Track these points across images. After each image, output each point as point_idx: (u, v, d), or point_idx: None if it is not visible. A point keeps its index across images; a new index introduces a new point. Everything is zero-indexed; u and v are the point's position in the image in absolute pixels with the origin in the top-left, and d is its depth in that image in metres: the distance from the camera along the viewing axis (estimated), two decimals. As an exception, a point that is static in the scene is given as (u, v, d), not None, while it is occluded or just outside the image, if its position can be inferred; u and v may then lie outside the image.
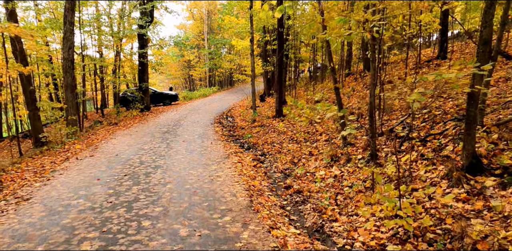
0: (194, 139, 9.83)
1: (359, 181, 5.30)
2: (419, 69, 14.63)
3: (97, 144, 9.51)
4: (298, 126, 10.90)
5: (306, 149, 8.13)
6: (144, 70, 18.84)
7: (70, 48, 12.19)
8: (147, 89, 18.81)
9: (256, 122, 13.17)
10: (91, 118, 22.18)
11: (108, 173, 6.06)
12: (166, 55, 37.48)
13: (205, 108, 19.54)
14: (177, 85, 47.24)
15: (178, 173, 5.99)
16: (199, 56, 39.33)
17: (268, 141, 10.04)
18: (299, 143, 9.11)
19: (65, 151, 8.89)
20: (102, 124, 15.45)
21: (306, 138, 9.01)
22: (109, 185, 5.28)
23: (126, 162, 6.92)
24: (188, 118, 15.14)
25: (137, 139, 9.91)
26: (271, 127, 11.69)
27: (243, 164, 7.14)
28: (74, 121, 12.26)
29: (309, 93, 17.11)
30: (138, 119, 15.48)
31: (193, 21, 41.29)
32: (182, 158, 7.28)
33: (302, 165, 7.05)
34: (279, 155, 8.43)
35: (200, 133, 11.15)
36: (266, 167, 7.50)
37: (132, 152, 8.00)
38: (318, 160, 6.97)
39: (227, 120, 15.36)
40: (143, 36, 17.54)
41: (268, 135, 10.71)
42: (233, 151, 8.46)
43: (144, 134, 10.90)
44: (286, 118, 12.34)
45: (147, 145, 8.91)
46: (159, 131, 11.43)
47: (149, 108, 19.04)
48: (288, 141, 9.57)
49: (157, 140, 9.61)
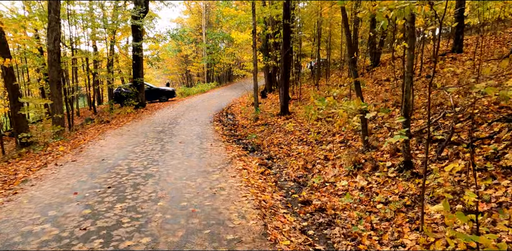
0: (192, 140, 8.83)
1: (395, 195, 4.32)
2: (433, 63, 13.65)
3: (83, 145, 8.49)
4: (307, 125, 9.91)
5: (320, 152, 7.15)
6: (139, 65, 17.75)
7: (55, 40, 11.10)
8: (142, 85, 17.74)
9: (259, 120, 12.17)
10: (83, 115, 21.10)
11: (89, 184, 5.06)
12: (163, 49, 36.35)
13: (203, 105, 18.51)
14: (175, 81, 46.09)
15: (173, 184, 4.99)
16: (197, 51, 38.15)
17: (274, 141, 9.05)
18: (309, 144, 8.13)
19: (46, 153, 7.87)
20: (93, 122, 14.41)
21: (318, 139, 8.02)
22: (87, 201, 4.28)
23: (112, 169, 5.91)
24: (186, 116, 14.12)
25: (128, 140, 8.89)
26: (276, 126, 10.69)
27: (249, 171, 6.15)
28: (60, 120, 11.21)
29: (323, 88, 16.15)
30: (132, 117, 14.44)
31: (190, 15, 40.04)
32: (178, 163, 6.28)
33: (317, 172, 6.07)
34: (289, 158, 7.45)
35: (199, 132, 10.14)
36: (275, 173, 6.51)
37: (121, 155, 6.99)
38: (337, 166, 5.99)
39: (227, 118, 14.34)
40: (137, 28, 16.42)
41: (273, 135, 9.72)
42: (236, 154, 7.47)
43: (136, 134, 9.87)
44: (293, 116, 11.34)
45: (139, 147, 7.90)
46: (154, 130, 10.41)
47: (144, 105, 17.99)
48: (297, 142, 8.58)
49: (151, 141, 8.60)
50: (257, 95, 13.57)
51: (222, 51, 35.07)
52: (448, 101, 6.94)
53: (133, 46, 17.21)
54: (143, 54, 18.42)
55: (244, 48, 35.19)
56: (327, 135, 8.42)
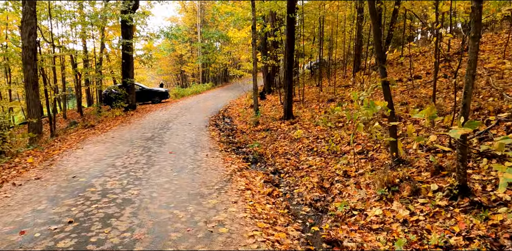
0: (184, 149, 7.64)
1: (456, 236, 3.18)
2: (447, 62, 12.61)
3: (56, 156, 7.26)
4: (315, 131, 8.76)
5: (336, 166, 6.00)
6: (129, 64, 16.52)
7: (30, 35, 9.86)
8: (132, 86, 16.51)
9: (259, 125, 11.00)
10: (71, 118, 19.78)
11: (46, 215, 3.86)
12: (157, 49, 35.07)
13: (198, 107, 17.31)
14: (169, 82, 44.80)
15: (157, 215, 3.80)
16: (192, 51, 36.89)
17: (279, 150, 7.89)
18: (321, 155, 6.98)
19: (11, 166, 6.63)
20: (77, 126, 13.15)
21: (331, 149, 6.88)
22: (33, 247, 3.08)
23: (82, 191, 4.71)
24: (179, 119, 12.92)
25: (110, 149, 7.68)
26: (280, 132, 9.52)
27: (254, 191, 4.98)
28: (37, 125, 9.95)
29: (327, 89, 15.07)
30: (120, 121, 13.20)
31: (185, 13, 38.76)
32: (166, 182, 5.10)
33: (338, 194, 4.91)
34: (298, 173, 6.29)
35: (193, 139, 8.96)
36: (285, 193, 5.34)
37: (97, 171, 5.78)
38: (363, 186, 4.84)
39: (224, 122, 13.16)
40: (126, 23, 15.18)
41: (277, 143, 8.55)
42: (236, 168, 6.30)
43: (121, 141, 8.66)
44: (298, 121, 10.18)
45: (121, 158, 6.69)
46: (141, 137, 9.20)
47: (135, 107, 16.75)
48: (306, 151, 7.42)
49: (136, 151, 7.39)
50: (257, 97, 12.42)
51: (217, 51, 33.88)
52: (489, 106, 5.84)
53: (122, 44, 15.97)
54: (133, 53, 17.20)
55: (241, 48, 34.06)
56: (341, 143, 7.28)
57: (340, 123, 8.78)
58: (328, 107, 11.15)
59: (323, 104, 11.88)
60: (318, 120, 7.54)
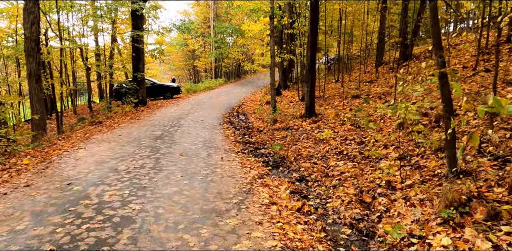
0: (196, 150, 6.82)
1: None
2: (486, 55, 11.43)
3: (55, 157, 6.54)
4: (341, 131, 7.82)
5: (374, 174, 5.08)
6: (139, 58, 15.79)
7: (33, 24, 9.16)
8: (142, 80, 15.78)
9: (278, 123, 10.10)
10: (81, 113, 19.28)
11: (22, 240, 3.07)
12: (170, 44, 34.42)
13: (211, 103, 16.51)
14: (181, 77, 44.20)
15: (161, 243, 2.97)
16: (204, 46, 36.08)
17: (303, 153, 6.99)
18: (353, 159, 6.06)
19: (5, 168, 5.93)
20: (84, 122, 12.51)
21: (372, 154, 5.94)
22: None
23: (75, 203, 3.93)
24: (191, 116, 12.13)
25: (115, 150, 6.92)
26: (302, 131, 8.61)
27: (280, 206, 4.12)
28: (40, 122, 9.31)
29: (348, 85, 14.07)
30: (130, 117, 12.50)
31: (198, 7, 37.89)
32: (175, 193, 4.28)
33: (384, 212, 4.00)
34: (328, 180, 5.39)
35: (205, 138, 8.14)
36: (316, 207, 4.46)
37: (96, 176, 5.00)
38: (416, 203, 3.91)
39: (239, 119, 12.32)
40: (137, 13, 14.41)
41: (300, 144, 7.65)
42: (256, 174, 5.45)
43: (128, 140, 7.90)
44: (321, 119, 9.24)
45: (125, 161, 5.91)
46: (150, 136, 8.43)
47: (145, 103, 16.05)
48: (335, 155, 6.50)
49: (143, 152, 6.60)
50: (274, 93, 11.50)
51: (230, 46, 32.99)
52: None
53: (132, 36, 15.23)
54: (144, 46, 16.47)
55: (254, 42, 33.04)
56: (375, 146, 6.33)
57: (370, 122, 7.81)
58: (353, 104, 10.17)
59: (347, 101, 10.89)
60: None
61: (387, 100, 9.29)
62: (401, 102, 5.27)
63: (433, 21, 4.14)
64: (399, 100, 8.16)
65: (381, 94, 10.22)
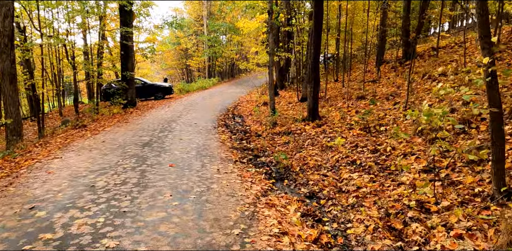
0: (189, 160, 5.99)
1: None
2: (498, 53, 10.79)
3: (24, 169, 5.65)
4: (350, 136, 7.06)
5: (399, 190, 4.32)
6: (128, 56, 14.87)
7: (6, 18, 8.24)
8: (131, 80, 14.87)
9: (278, 126, 9.31)
10: (67, 115, 18.28)
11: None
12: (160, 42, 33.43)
13: (204, 104, 15.66)
14: (173, 77, 43.19)
15: None
16: (197, 44, 35.13)
17: (309, 162, 6.20)
18: (368, 170, 5.29)
19: (-37, 184, 5.03)
20: (67, 126, 11.56)
21: (399, 168, 5.17)
22: None
23: (32, 239, 3.08)
24: (183, 118, 11.28)
25: (96, 159, 6.05)
26: (305, 137, 7.83)
27: (292, 235, 3.32)
28: (16, 126, 8.38)
29: (350, 85, 13.36)
30: (117, 120, 11.61)
31: (190, 6, 36.90)
32: (162, 220, 3.45)
33: (423, 243, 3.23)
34: (344, 197, 4.61)
35: (199, 145, 7.31)
36: (334, 235, 3.67)
37: (67, 197, 4.15)
38: (463, 233, 3.14)
39: (235, 122, 11.50)
40: (125, 9, 13.49)
41: (305, 151, 6.86)
42: (259, 190, 4.64)
43: (112, 148, 7.03)
44: (325, 122, 8.47)
45: (105, 175, 5.05)
46: (137, 142, 7.57)
47: (135, 104, 15.14)
48: (347, 165, 5.73)
49: (128, 163, 5.75)
50: (273, 94, 10.71)
51: (224, 44, 32.14)
52: None
53: (120, 33, 14.31)
54: (133, 44, 15.54)
55: (248, 41, 32.19)
56: (392, 155, 5.57)
57: (381, 126, 7.07)
58: (358, 106, 9.43)
59: (351, 102, 10.15)
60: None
61: (397, 101, 8.55)
62: (423, 105, 4.51)
63: (481, 9, 3.37)
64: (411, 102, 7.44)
65: (388, 95, 9.49)
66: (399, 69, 14.29)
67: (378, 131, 6.96)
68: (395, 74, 13.55)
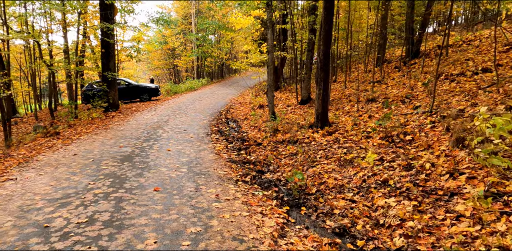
0: (179, 180, 4.78)
1: None
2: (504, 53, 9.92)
3: (-37, 197, 4.34)
4: (370, 147, 5.96)
5: (461, 227, 3.22)
6: (110, 54, 13.50)
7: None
8: (114, 81, 13.50)
9: (280, 133, 8.15)
10: (44, 119, 16.72)
11: None
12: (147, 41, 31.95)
13: (194, 106, 14.40)
14: (160, 77, 41.67)
15: None
16: (186, 43, 33.72)
17: (328, 181, 5.06)
18: (407, 194, 4.18)
19: None
20: (37, 133, 10.14)
21: (419, 182, 4.07)
22: None
23: None
24: (171, 123, 10.03)
25: (60, 181, 4.78)
26: (316, 147, 6.68)
27: None
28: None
29: (352, 86, 12.33)
30: (96, 126, 10.27)
31: (179, 5, 35.42)
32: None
33: None
34: (386, 235, 3.48)
35: (191, 158, 6.09)
36: None
37: (4, 248, 2.91)
38: None
39: (229, 128, 10.30)
40: (105, 2, 12.14)
41: (320, 166, 5.72)
42: (275, 228, 3.48)
43: (84, 163, 5.75)
44: (337, 129, 7.34)
45: (67, 207, 3.80)
46: (116, 155, 6.31)
47: (117, 107, 13.76)
48: (376, 185, 4.61)
49: (100, 186, 4.50)
50: (272, 95, 9.55)
51: (213, 44, 30.86)
52: None
53: (101, 29, 12.94)
54: (116, 41, 14.17)
55: (238, 40, 30.97)
56: (434, 173, 4.48)
57: (407, 135, 5.99)
58: (370, 110, 8.36)
59: (360, 105, 9.09)
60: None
61: (416, 105, 7.51)
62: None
63: None
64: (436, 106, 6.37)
65: (403, 97, 8.46)
66: (404, 69, 13.36)
67: (403, 141, 5.89)
68: (400, 74, 12.61)
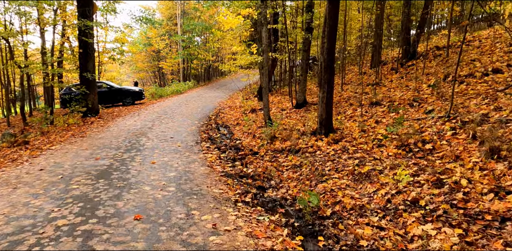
0: (166, 203, 3.90)
1: None
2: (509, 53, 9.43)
3: None
4: (385, 157, 5.21)
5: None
6: (88, 55, 12.44)
7: None
8: (93, 83, 12.44)
9: (278, 141, 7.35)
10: (16, 125, 15.43)
11: None
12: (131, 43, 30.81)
13: (181, 110, 13.46)
14: (145, 80, 40.38)
15: None
16: (171, 45, 32.66)
17: (343, 200, 4.27)
18: (447, 219, 3.44)
19: None
20: (3, 142, 9.02)
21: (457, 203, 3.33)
22: None
23: None
24: (156, 129, 9.10)
25: (16, 207, 3.83)
26: (322, 156, 5.89)
27: None
28: None
29: (349, 88, 11.69)
30: (71, 133, 9.24)
31: (163, 6, 34.32)
32: None
33: None
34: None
35: (179, 172, 5.21)
36: None
37: None
38: None
39: (220, 134, 9.44)
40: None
41: (330, 181, 4.94)
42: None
43: (50, 182, 4.80)
44: (343, 136, 6.58)
45: (18, 247, 2.88)
46: (91, 169, 5.36)
47: (97, 112, 12.69)
48: (406, 206, 3.85)
49: (66, 214, 3.58)
50: (267, 99, 8.75)
51: (199, 45, 29.95)
52: None
53: (79, 27, 11.89)
54: (94, 40, 13.14)
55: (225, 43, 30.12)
56: (474, 191, 3.76)
57: (426, 143, 5.28)
58: (376, 114, 7.66)
59: (363, 109, 8.39)
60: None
61: (428, 109, 6.84)
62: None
63: None
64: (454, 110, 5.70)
65: (410, 100, 7.81)
66: (401, 70, 12.82)
67: (423, 150, 5.17)
68: (398, 76, 12.05)
